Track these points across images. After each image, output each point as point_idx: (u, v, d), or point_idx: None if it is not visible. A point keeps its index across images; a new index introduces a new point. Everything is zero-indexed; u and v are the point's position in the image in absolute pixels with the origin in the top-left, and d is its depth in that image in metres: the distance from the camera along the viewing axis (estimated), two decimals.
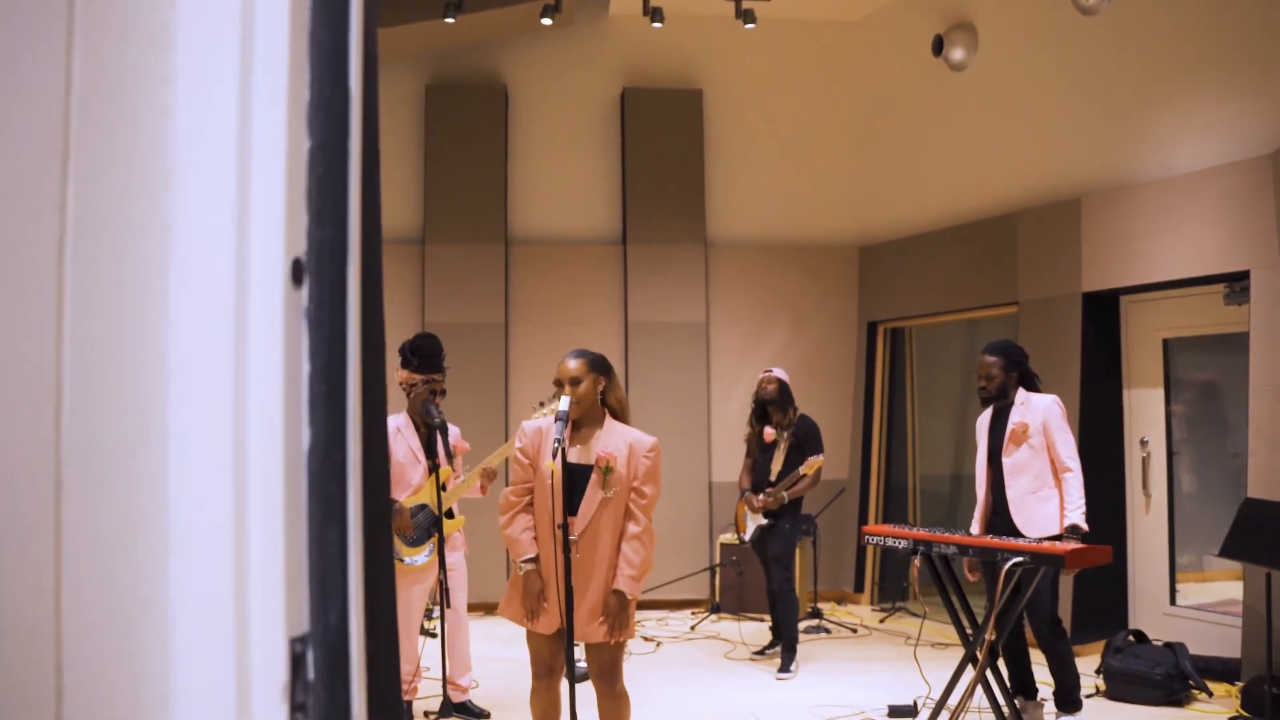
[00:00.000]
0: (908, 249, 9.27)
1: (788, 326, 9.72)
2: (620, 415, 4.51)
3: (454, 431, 6.27)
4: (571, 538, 4.22)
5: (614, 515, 4.30)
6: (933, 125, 9.12)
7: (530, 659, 4.46)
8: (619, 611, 4.27)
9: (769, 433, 7.35)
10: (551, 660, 4.41)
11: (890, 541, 5.47)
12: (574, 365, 4.40)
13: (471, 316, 9.39)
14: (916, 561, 5.30)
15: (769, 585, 7.34)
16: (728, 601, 8.93)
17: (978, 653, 5.13)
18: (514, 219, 9.74)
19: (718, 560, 9.08)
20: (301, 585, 0.94)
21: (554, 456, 4.13)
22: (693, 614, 9.05)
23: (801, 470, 7.07)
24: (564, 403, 4.30)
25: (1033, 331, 7.93)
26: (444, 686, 5.81)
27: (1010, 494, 5.60)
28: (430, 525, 5.98)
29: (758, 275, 9.75)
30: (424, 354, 6.05)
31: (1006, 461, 5.64)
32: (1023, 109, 8.25)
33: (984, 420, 5.96)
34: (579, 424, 4.40)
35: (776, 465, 7.28)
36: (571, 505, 4.20)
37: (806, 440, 7.27)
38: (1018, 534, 5.43)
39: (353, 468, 0.99)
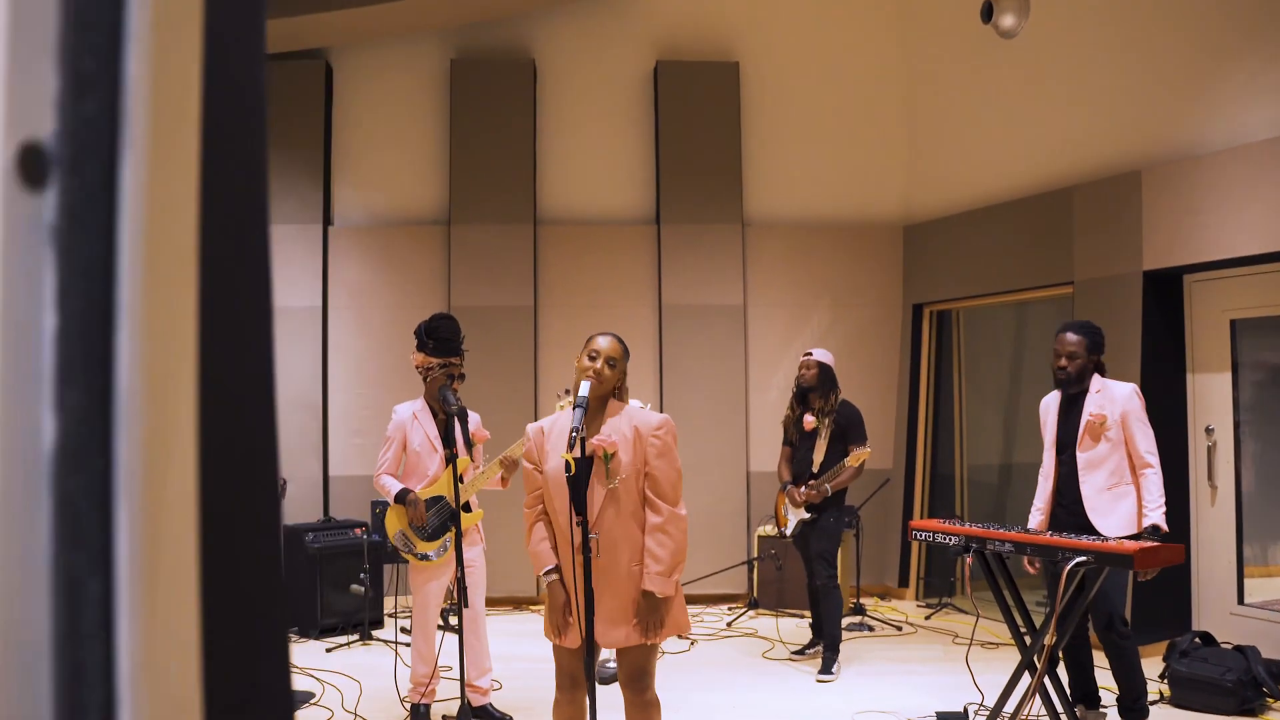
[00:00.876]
0: (955, 227, 8.82)
1: (829, 309, 9.30)
2: (624, 399, 4.15)
3: (474, 419, 5.93)
4: (592, 535, 3.86)
5: (626, 508, 3.92)
6: (982, 96, 8.66)
7: (555, 669, 4.12)
8: (650, 614, 3.89)
9: (809, 420, 6.94)
10: (576, 671, 4.05)
11: (940, 538, 5.06)
12: (608, 344, 4.06)
13: (499, 300, 9.05)
14: (969, 560, 4.89)
15: (811, 582, 6.95)
16: (766, 597, 8.55)
17: (1036, 659, 4.72)
18: (543, 198, 9.39)
19: (756, 554, 8.70)
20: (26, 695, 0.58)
21: (571, 448, 3.76)
22: (729, 609, 8.68)
23: (847, 462, 6.67)
24: (584, 388, 3.94)
25: (1089, 313, 7.44)
26: (462, 689, 5.48)
27: (1085, 490, 5.17)
28: (447, 518, 5.66)
29: (798, 256, 9.34)
30: (440, 336, 5.71)
31: (1081, 456, 5.20)
32: (1077, 76, 7.77)
33: (1051, 404, 5.49)
34: (591, 412, 4.03)
35: (818, 455, 6.88)
36: (581, 504, 3.84)
37: (849, 428, 6.87)
38: (1086, 529, 5.00)
39: (127, 479, 0.62)
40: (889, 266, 9.37)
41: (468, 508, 5.69)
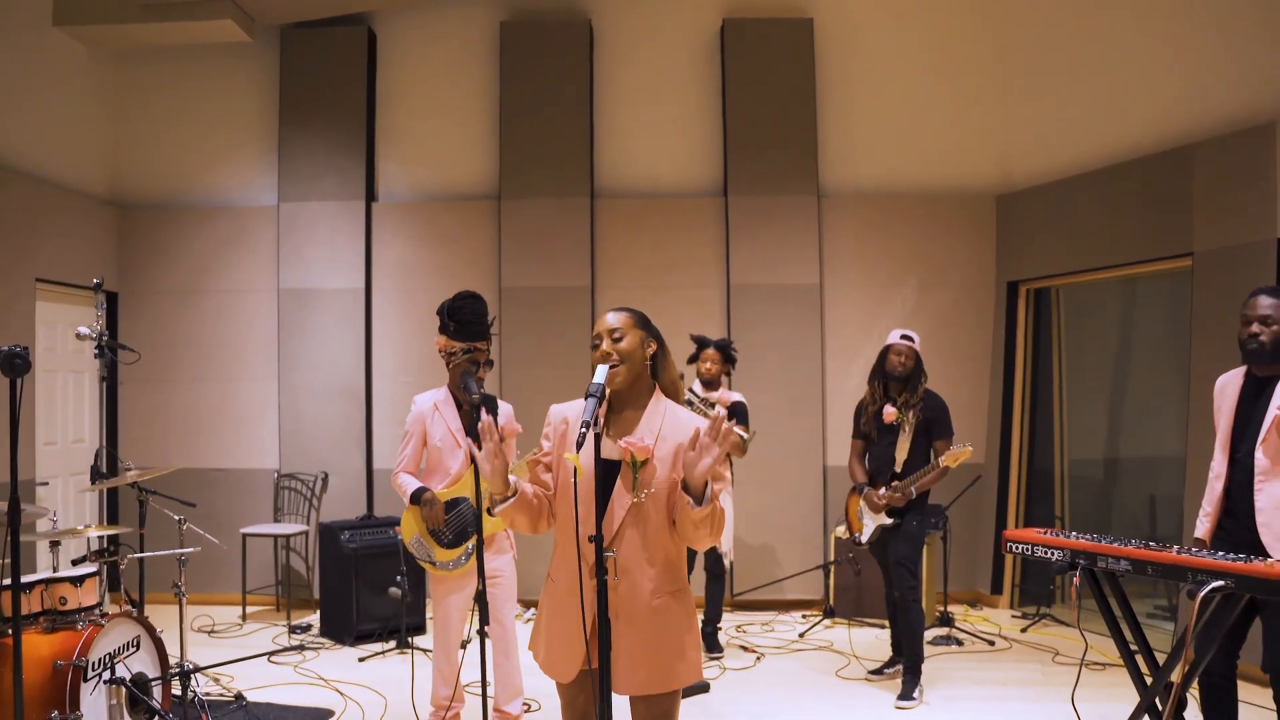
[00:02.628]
0: (1055, 195, 7.90)
1: (914, 288, 8.45)
2: (674, 397, 3.41)
3: (505, 411, 5.26)
4: (608, 553, 3.15)
5: (654, 527, 3.18)
6: (1083, 45, 7.73)
7: (561, 710, 3.40)
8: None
9: (889, 412, 6.13)
10: (586, 711, 3.33)
11: (1040, 551, 4.25)
12: (614, 317, 3.33)
13: (553, 280, 8.38)
14: (1076, 579, 4.07)
15: (889, 593, 6.16)
16: (843, 604, 7.77)
17: (1159, 702, 3.90)
18: (600, 170, 8.69)
19: (832, 557, 7.92)
20: None
21: (578, 447, 3.05)
22: (804, 617, 7.92)
23: (942, 462, 5.84)
24: (600, 373, 3.22)
25: (1211, 289, 6.54)
26: (484, 715, 4.81)
27: (1260, 500, 4.21)
28: (469, 523, 5.00)
29: (879, 230, 8.50)
30: (462, 318, 5.05)
31: (1262, 458, 4.22)
32: (1194, 20, 6.83)
33: (1230, 386, 4.45)
34: (620, 404, 3.32)
35: (901, 453, 6.07)
36: (598, 516, 3.12)
37: (935, 422, 6.06)
38: (1256, 549, 4.10)
39: None
40: (980, 240, 8.48)
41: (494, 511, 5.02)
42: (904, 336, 6.17)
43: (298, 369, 8.51)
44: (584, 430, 3.04)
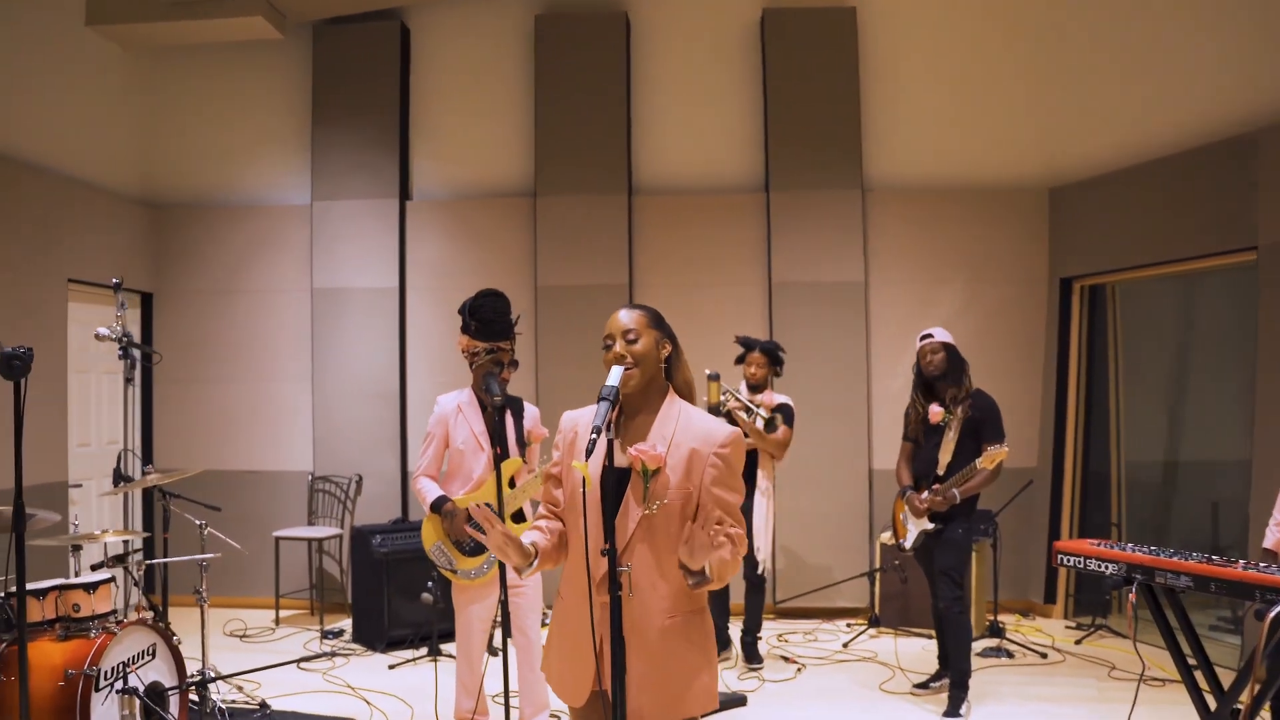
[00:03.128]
0: (1109, 187, 7.58)
1: (963, 285, 8.15)
2: (688, 398, 3.19)
3: (531, 414, 5.08)
4: (623, 568, 2.94)
5: (664, 542, 2.95)
6: (1136, 31, 7.39)
7: None
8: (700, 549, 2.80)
9: (935, 412, 5.86)
10: None
11: (1094, 565, 3.98)
12: (628, 316, 3.11)
13: (590, 278, 8.19)
14: (1132, 596, 3.79)
15: (935, 604, 5.89)
16: (888, 613, 7.50)
17: None
18: (638, 166, 8.48)
19: (878, 563, 7.65)
20: None
21: (588, 454, 2.84)
22: (848, 626, 7.66)
23: (979, 463, 5.57)
24: (614, 375, 3.01)
25: (1279, 283, 6.21)
26: None
27: None
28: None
29: (926, 224, 8.21)
30: (483, 317, 4.87)
31: None
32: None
33: None
34: (631, 409, 3.10)
35: (945, 455, 5.80)
36: (609, 527, 2.91)
37: (984, 423, 5.77)
38: None
39: None
40: (1032, 235, 8.16)
41: (519, 517, 4.84)
42: (924, 336, 5.91)
43: (331, 370, 8.39)
44: (594, 436, 2.83)
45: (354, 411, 8.34)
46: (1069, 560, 4.09)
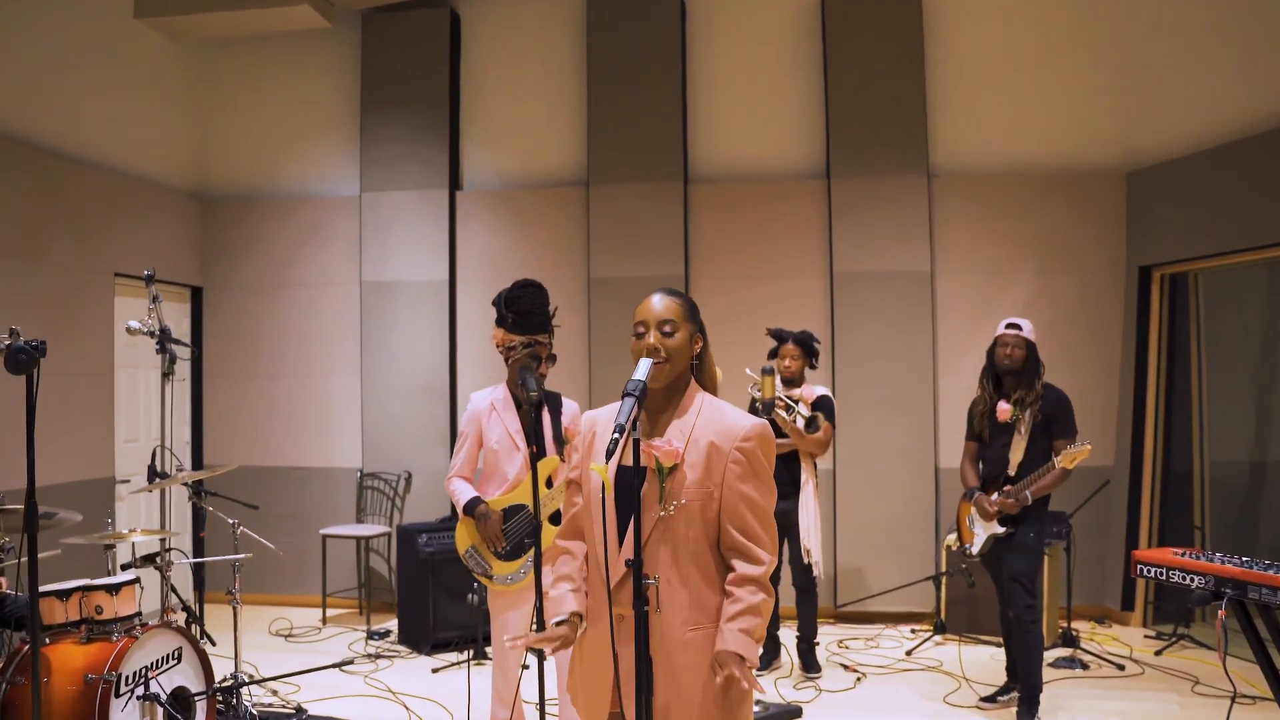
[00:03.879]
0: (1191, 171, 7.13)
1: (1034, 275, 7.75)
2: (713, 391, 2.92)
3: (570, 409, 4.82)
4: (649, 580, 2.68)
5: (685, 546, 2.69)
6: (1218, 5, 6.93)
7: None
8: (729, 685, 2.59)
9: (1003, 409, 5.50)
10: None
11: (1177, 576, 3.63)
12: (664, 305, 2.84)
13: (644, 270, 7.92)
14: (1222, 613, 3.44)
15: (1004, 612, 5.54)
16: (955, 619, 7.15)
17: None
18: (694, 153, 8.19)
19: (944, 567, 7.29)
20: None
21: (608, 456, 2.57)
22: (912, 631, 7.31)
23: (1058, 463, 5.20)
24: (642, 368, 2.75)
25: None
26: None
27: None
28: (528, 532, 4.57)
29: (995, 211, 7.82)
30: (521, 309, 4.62)
31: None
32: None
33: None
34: (652, 404, 2.84)
35: (1016, 454, 5.44)
36: (633, 532, 2.66)
37: (1056, 419, 5.40)
38: None
39: None
40: (1109, 221, 7.72)
41: (555, 518, 4.59)
42: (1010, 325, 5.53)
43: (380, 364, 8.23)
44: (616, 436, 2.58)
45: (403, 407, 8.17)
46: (1150, 571, 3.75)
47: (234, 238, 8.54)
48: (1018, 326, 5.50)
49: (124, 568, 5.09)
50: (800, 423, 6.12)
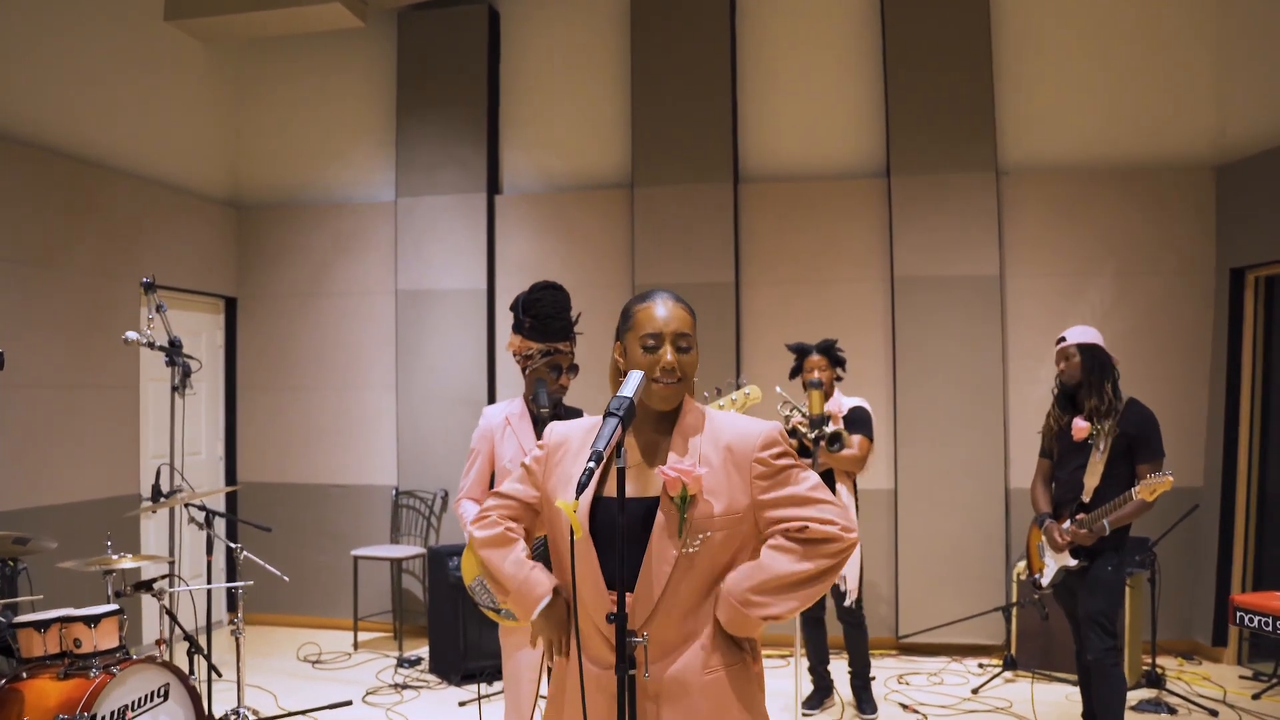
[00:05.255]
0: None
1: (1114, 278, 7.14)
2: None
3: None
4: (636, 639, 2.24)
5: (701, 585, 2.28)
6: None
7: None
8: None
9: (1080, 427, 4.94)
10: None
11: None
12: (678, 316, 2.41)
13: (692, 275, 7.46)
14: None
15: (1080, 654, 4.98)
16: (1026, 653, 6.56)
17: None
18: (745, 151, 7.72)
19: (1015, 597, 6.71)
20: None
21: (580, 490, 2.13)
22: (980, 666, 6.75)
23: (1137, 493, 4.63)
24: (631, 381, 2.31)
25: None
26: None
27: None
28: (542, 562, 4.12)
29: (1070, 209, 7.22)
30: (539, 313, 4.21)
31: None
32: None
33: None
34: (641, 422, 2.43)
35: (1092, 479, 4.86)
36: (625, 575, 2.25)
37: (1139, 439, 4.81)
38: None
39: None
40: (1196, 219, 7.08)
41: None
42: (1060, 339, 4.98)
43: (416, 377, 7.87)
44: (590, 466, 2.14)
45: (440, 422, 7.79)
46: (1252, 619, 3.21)
47: (268, 246, 8.26)
48: (1063, 338, 4.95)
49: (117, 595, 4.76)
50: (829, 441, 5.57)
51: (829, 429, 5.50)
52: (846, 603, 5.69)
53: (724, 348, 7.41)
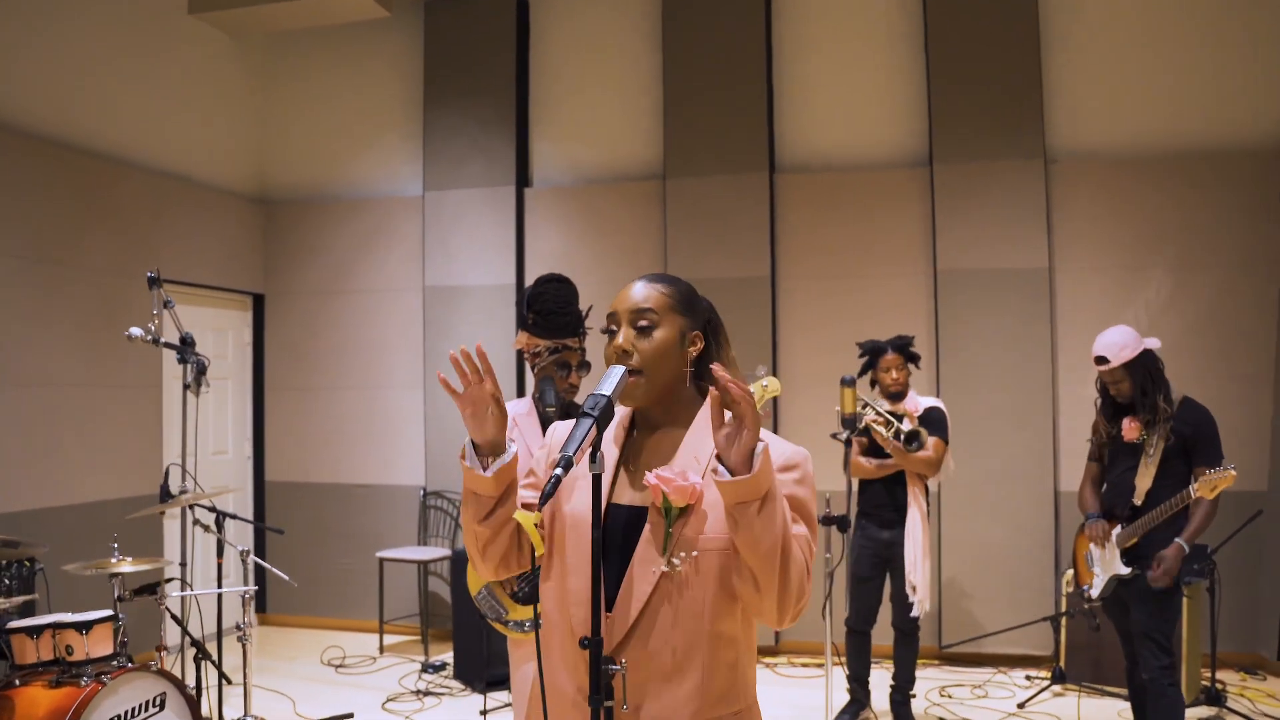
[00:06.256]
0: None
1: (1169, 271, 6.77)
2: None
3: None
4: (614, 668, 2.00)
5: (695, 609, 1.99)
6: None
7: None
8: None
9: (1130, 427, 4.62)
10: None
11: None
12: (645, 293, 2.17)
13: (727, 270, 7.21)
14: None
15: (1133, 672, 4.65)
16: (1076, 666, 6.22)
17: None
18: (782, 140, 7.44)
19: (1064, 606, 6.38)
20: None
21: (546, 497, 1.89)
22: (1028, 679, 6.42)
23: (1195, 489, 4.28)
24: (610, 377, 2.05)
25: None
26: None
27: None
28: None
29: (1124, 198, 6.86)
30: (544, 308, 3.99)
31: None
32: None
33: None
34: (648, 420, 2.19)
35: (1144, 481, 4.53)
36: (607, 591, 2.03)
37: (1196, 440, 4.46)
38: None
39: None
40: (1262, 208, 6.68)
41: None
42: (1098, 359, 4.60)
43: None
44: (558, 473, 1.89)
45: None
46: None
47: (294, 242, 8.11)
48: (1104, 360, 4.59)
49: (118, 601, 4.60)
50: (901, 439, 5.31)
51: (906, 427, 5.25)
52: (915, 613, 5.40)
53: (759, 344, 7.14)
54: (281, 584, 7.60)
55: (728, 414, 1.88)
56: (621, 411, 2.20)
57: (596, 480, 1.97)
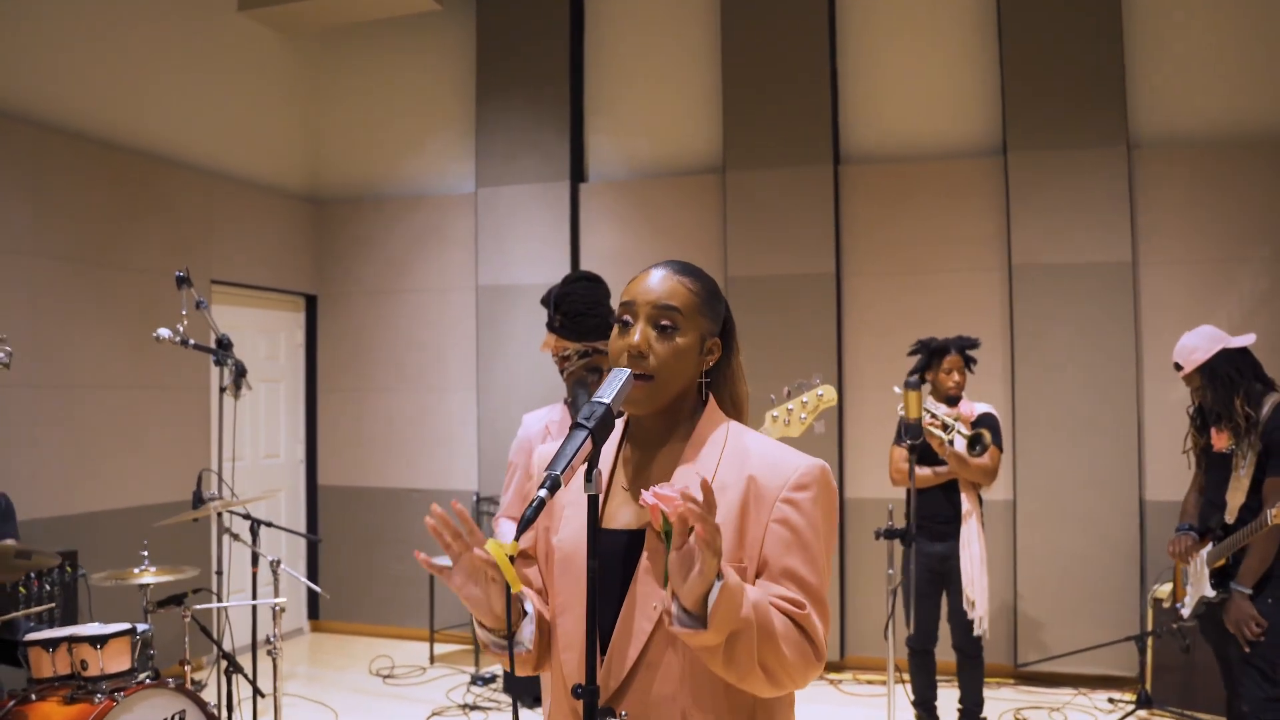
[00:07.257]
0: None
1: (1265, 264, 6.30)
2: (738, 416, 1.93)
3: None
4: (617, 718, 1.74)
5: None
6: None
7: None
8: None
9: (1219, 436, 4.23)
10: None
11: None
12: (668, 284, 1.86)
13: (790, 266, 6.90)
14: None
15: (1233, 703, 4.25)
16: (1164, 689, 5.79)
17: None
18: (846, 131, 7.10)
19: (1151, 625, 5.95)
20: None
21: (525, 525, 1.61)
22: (1110, 701, 6.01)
23: (1273, 518, 3.88)
24: (613, 380, 1.76)
25: None
26: None
27: None
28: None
29: (1214, 186, 6.40)
30: (571, 308, 3.72)
31: None
32: None
33: None
34: (646, 431, 1.90)
35: (1236, 496, 4.13)
36: (602, 626, 1.77)
37: (1272, 452, 4.06)
38: None
39: None
40: None
41: None
42: (1177, 367, 4.27)
43: (497, 377, 7.46)
44: (542, 495, 1.62)
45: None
46: None
47: (346, 242, 7.96)
48: (1179, 367, 4.24)
49: (146, 612, 4.44)
50: (960, 445, 4.99)
51: (964, 432, 4.92)
52: (976, 632, 5.05)
53: (823, 344, 6.81)
54: (332, 590, 7.46)
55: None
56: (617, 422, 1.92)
57: (593, 502, 1.69)
